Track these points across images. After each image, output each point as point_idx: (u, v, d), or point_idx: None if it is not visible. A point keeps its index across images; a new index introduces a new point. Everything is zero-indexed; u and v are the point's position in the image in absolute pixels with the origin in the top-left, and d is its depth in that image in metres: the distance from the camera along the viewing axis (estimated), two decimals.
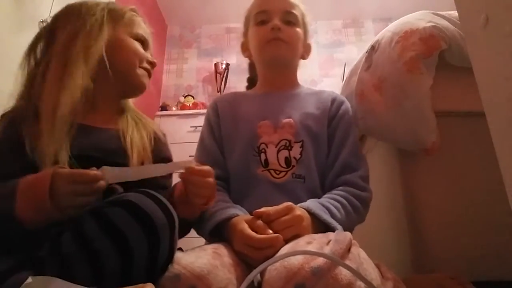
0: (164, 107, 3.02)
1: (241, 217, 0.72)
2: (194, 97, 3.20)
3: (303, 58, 1.05)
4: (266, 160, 0.86)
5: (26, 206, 0.57)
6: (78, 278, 0.48)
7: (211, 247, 0.65)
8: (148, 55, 0.86)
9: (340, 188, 0.82)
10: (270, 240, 0.63)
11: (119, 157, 0.73)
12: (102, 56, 0.77)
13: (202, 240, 0.82)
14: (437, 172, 0.94)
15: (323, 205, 0.74)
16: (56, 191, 0.57)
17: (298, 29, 0.98)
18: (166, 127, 2.76)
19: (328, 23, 3.59)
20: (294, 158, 0.86)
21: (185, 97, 3.16)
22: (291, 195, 0.81)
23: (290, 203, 0.69)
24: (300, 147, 0.87)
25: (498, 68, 0.46)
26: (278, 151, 0.86)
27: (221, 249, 0.64)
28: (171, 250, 0.56)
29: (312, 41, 1.05)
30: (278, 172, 0.85)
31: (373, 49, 1.00)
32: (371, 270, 0.55)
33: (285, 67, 1.00)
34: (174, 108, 3.05)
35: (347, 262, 0.52)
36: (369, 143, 1.18)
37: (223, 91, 3.21)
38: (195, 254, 0.60)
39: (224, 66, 3.25)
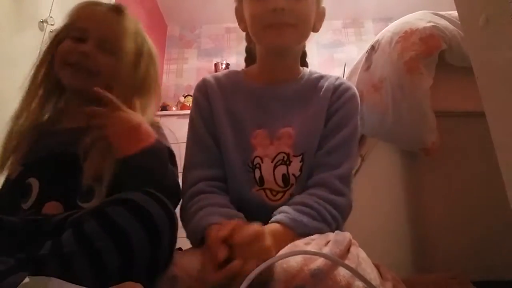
0: (164, 107, 3.02)
1: (214, 229, 0.60)
2: None
3: (315, 30, 0.81)
4: (261, 177, 0.74)
5: None
6: (79, 278, 0.48)
7: None
8: (78, 46, 0.76)
9: (312, 191, 0.68)
10: (221, 279, 0.53)
11: None
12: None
13: None
14: (437, 172, 0.94)
15: (296, 220, 0.63)
16: None
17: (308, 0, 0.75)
18: (166, 127, 2.75)
19: (328, 23, 3.56)
20: (293, 175, 0.73)
21: (185, 97, 3.16)
22: None
23: (260, 229, 0.58)
24: (300, 162, 0.74)
25: (498, 68, 0.46)
26: (275, 167, 0.74)
27: None
28: (171, 248, 0.57)
29: (312, 41, 0.95)
30: (274, 193, 0.73)
31: (373, 49, 1.00)
32: (369, 270, 0.55)
33: (289, 54, 0.81)
34: (174, 108, 3.05)
35: (346, 262, 0.52)
36: (369, 143, 1.18)
37: None
38: (192, 256, 0.60)
39: (224, 66, 3.24)
